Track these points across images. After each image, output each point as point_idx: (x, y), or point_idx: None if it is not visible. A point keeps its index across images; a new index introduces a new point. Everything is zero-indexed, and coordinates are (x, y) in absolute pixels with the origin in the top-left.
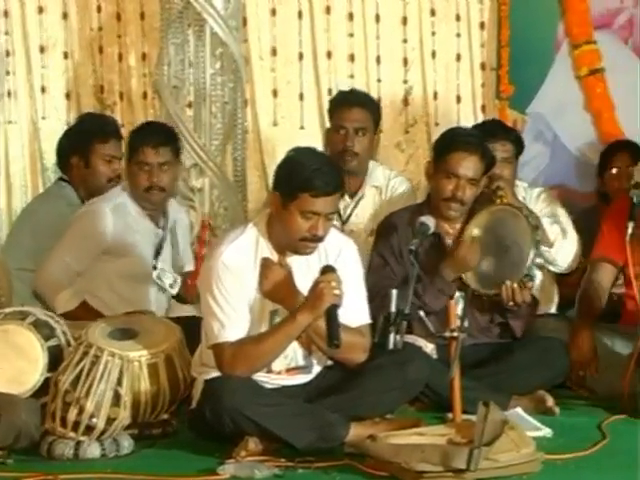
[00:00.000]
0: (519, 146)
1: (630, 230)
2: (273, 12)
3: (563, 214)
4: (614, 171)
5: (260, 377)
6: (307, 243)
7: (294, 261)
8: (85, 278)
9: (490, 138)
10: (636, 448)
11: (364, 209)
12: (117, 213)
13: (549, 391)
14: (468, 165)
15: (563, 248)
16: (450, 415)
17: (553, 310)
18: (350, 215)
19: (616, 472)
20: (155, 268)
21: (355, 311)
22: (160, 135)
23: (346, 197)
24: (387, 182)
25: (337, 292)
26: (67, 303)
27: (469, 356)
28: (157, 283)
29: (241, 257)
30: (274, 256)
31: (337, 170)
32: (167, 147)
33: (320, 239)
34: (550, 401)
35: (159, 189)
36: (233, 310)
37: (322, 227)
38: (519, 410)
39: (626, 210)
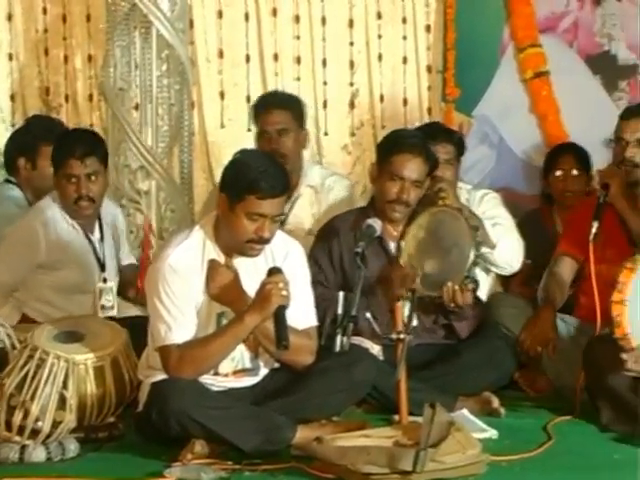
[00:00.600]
0: (460, 148)
1: (594, 230)
2: (220, 14)
3: (506, 216)
4: (559, 173)
5: (207, 379)
6: (253, 245)
7: (241, 263)
8: (22, 292)
9: (431, 140)
10: (581, 449)
11: (301, 209)
12: (48, 227)
13: (495, 392)
14: (412, 167)
15: (505, 250)
16: (396, 417)
17: None
18: (288, 215)
19: (561, 473)
20: (105, 281)
21: (302, 313)
22: (85, 145)
23: None
24: (323, 181)
25: (284, 293)
26: (7, 318)
27: (415, 357)
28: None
29: (188, 259)
30: (221, 258)
31: (283, 172)
32: (93, 157)
33: (266, 241)
34: (496, 402)
35: (88, 200)
36: (180, 312)
37: (268, 229)
38: (465, 412)
39: (591, 208)
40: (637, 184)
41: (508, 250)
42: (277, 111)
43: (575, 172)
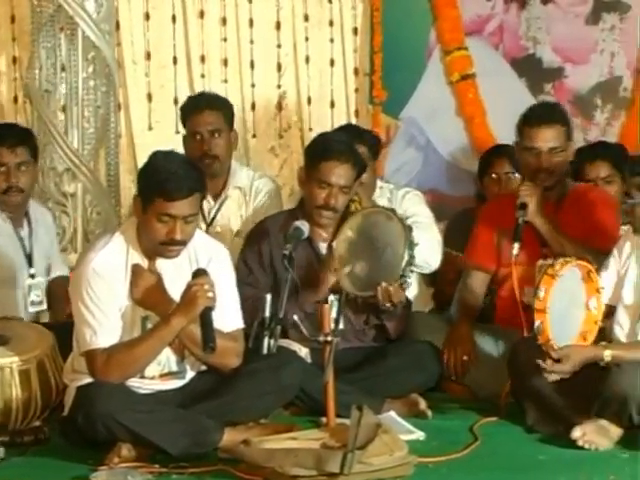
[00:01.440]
0: (374, 148)
1: (516, 251)
2: (147, 16)
3: (427, 214)
4: (493, 176)
5: (134, 383)
6: (168, 247)
7: (164, 267)
8: None
9: None
10: (507, 450)
11: (229, 210)
12: None
13: (422, 394)
14: (340, 173)
15: (424, 249)
16: (324, 419)
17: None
18: (215, 217)
19: (487, 473)
20: (33, 277)
21: (228, 316)
22: (16, 135)
23: (210, 199)
24: (251, 183)
25: (210, 295)
26: None
27: (343, 360)
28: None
29: (111, 263)
30: (144, 262)
31: (195, 173)
32: (24, 147)
33: (179, 242)
34: (423, 404)
35: (18, 190)
36: (104, 316)
37: (179, 231)
38: (392, 413)
39: (499, 215)
40: (549, 188)
41: (427, 249)
42: (209, 112)
43: (509, 175)
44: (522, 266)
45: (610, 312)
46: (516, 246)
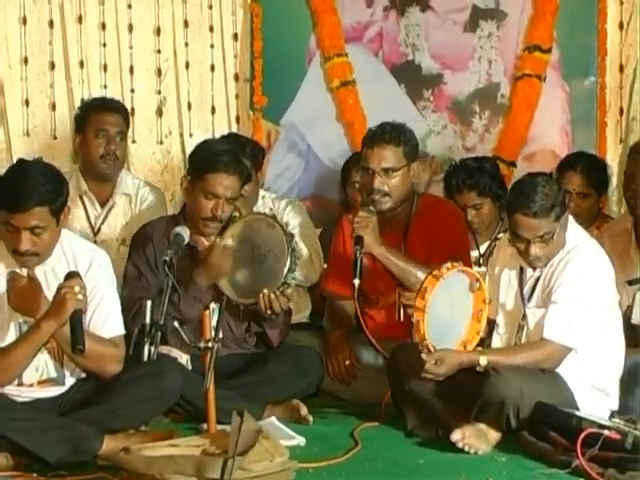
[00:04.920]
0: (257, 160)
1: (357, 285)
2: (23, 20)
3: (309, 227)
4: (356, 185)
5: (11, 391)
6: (20, 257)
7: (42, 273)
8: None
9: None
10: (387, 454)
11: (115, 218)
12: None
13: (303, 400)
14: (227, 185)
15: (306, 265)
16: (205, 426)
17: (306, 317)
18: (102, 224)
19: (368, 478)
20: None
21: (108, 322)
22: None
23: (97, 206)
24: (137, 191)
25: (80, 297)
26: None
27: (224, 366)
28: None
29: None
30: (22, 270)
31: (49, 184)
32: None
33: (29, 253)
34: (304, 410)
35: None
36: None
37: (24, 241)
38: (273, 419)
39: (349, 240)
40: (391, 210)
41: (307, 265)
42: (116, 114)
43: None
44: (383, 295)
45: (491, 325)
46: (356, 282)
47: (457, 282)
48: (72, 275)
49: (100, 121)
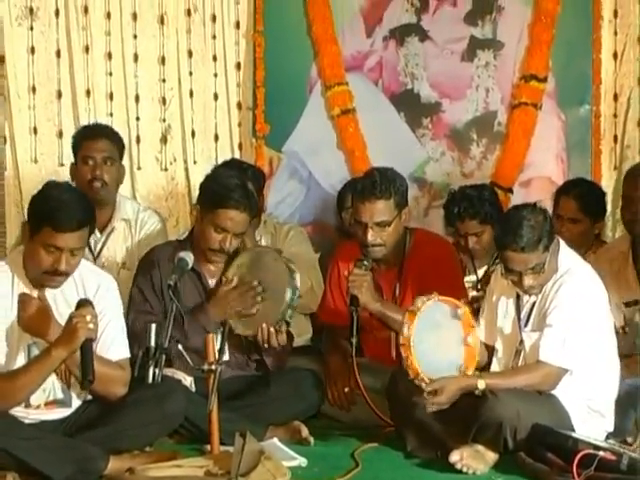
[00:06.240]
0: (259, 186)
1: (354, 344)
2: (32, 50)
3: (310, 254)
4: (351, 211)
5: (19, 412)
6: (50, 277)
7: (52, 295)
8: None
9: None
10: (387, 475)
11: (115, 242)
12: None
13: (304, 422)
14: (238, 221)
15: (305, 292)
16: (208, 447)
17: (307, 340)
18: (102, 249)
19: None
20: None
21: (115, 345)
22: None
23: (96, 231)
24: (136, 216)
25: (91, 327)
26: None
27: (227, 388)
28: None
29: None
30: (33, 292)
31: (84, 206)
32: None
33: (63, 274)
34: (305, 431)
35: None
36: None
37: (65, 262)
38: (275, 440)
39: (346, 270)
40: (385, 254)
41: (309, 294)
42: (103, 140)
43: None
44: (377, 330)
45: (490, 351)
46: (354, 341)
47: (437, 312)
48: (84, 304)
49: (87, 148)
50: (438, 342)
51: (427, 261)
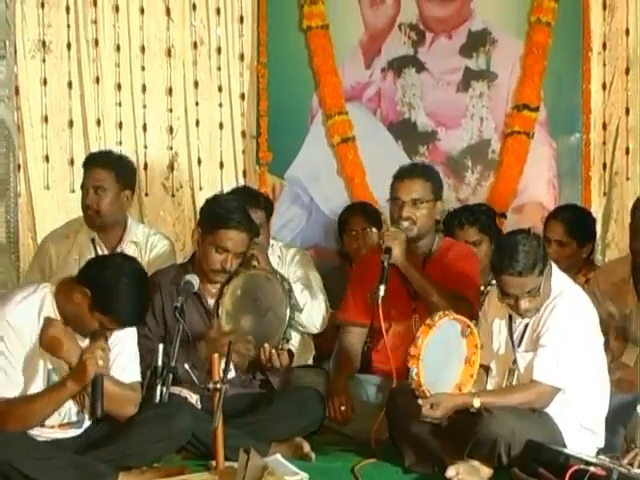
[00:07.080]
0: (269, 210)
1: (382, 292)
2: (44, 82)
3: (315, 276)
4: (353, 233)
5: (33, 431)
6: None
7: None
8: None
9: None
10: None
11: None
12: None
13: (306, 438)
14: (238, 241)
15: (311, 313)
16: (213, 462)
17: (310, 361)
18: None
19: None
20: None
21: (128, 369)
22: None
23: (106, 253)
24: (146, 239)
25: (101, 363)
26: None
27: (232, 405)
28: None
29: (25, 316)
30: (58, 316)
31: None
32: None
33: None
34: (307, 447)
35: None
36: (13, 369)
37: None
38: (278, 456)
39: (368, 272)
40: (414, 240)
41: (314, 312)
42: (98, 170)
43: (366, 229)
44: (395, 322)
45: (485, 371)
46: (382, 288)
47: (449, 329)
48: (96, 336)
49: (84, 176)
50: (443, 358)
51: (451, 262)
